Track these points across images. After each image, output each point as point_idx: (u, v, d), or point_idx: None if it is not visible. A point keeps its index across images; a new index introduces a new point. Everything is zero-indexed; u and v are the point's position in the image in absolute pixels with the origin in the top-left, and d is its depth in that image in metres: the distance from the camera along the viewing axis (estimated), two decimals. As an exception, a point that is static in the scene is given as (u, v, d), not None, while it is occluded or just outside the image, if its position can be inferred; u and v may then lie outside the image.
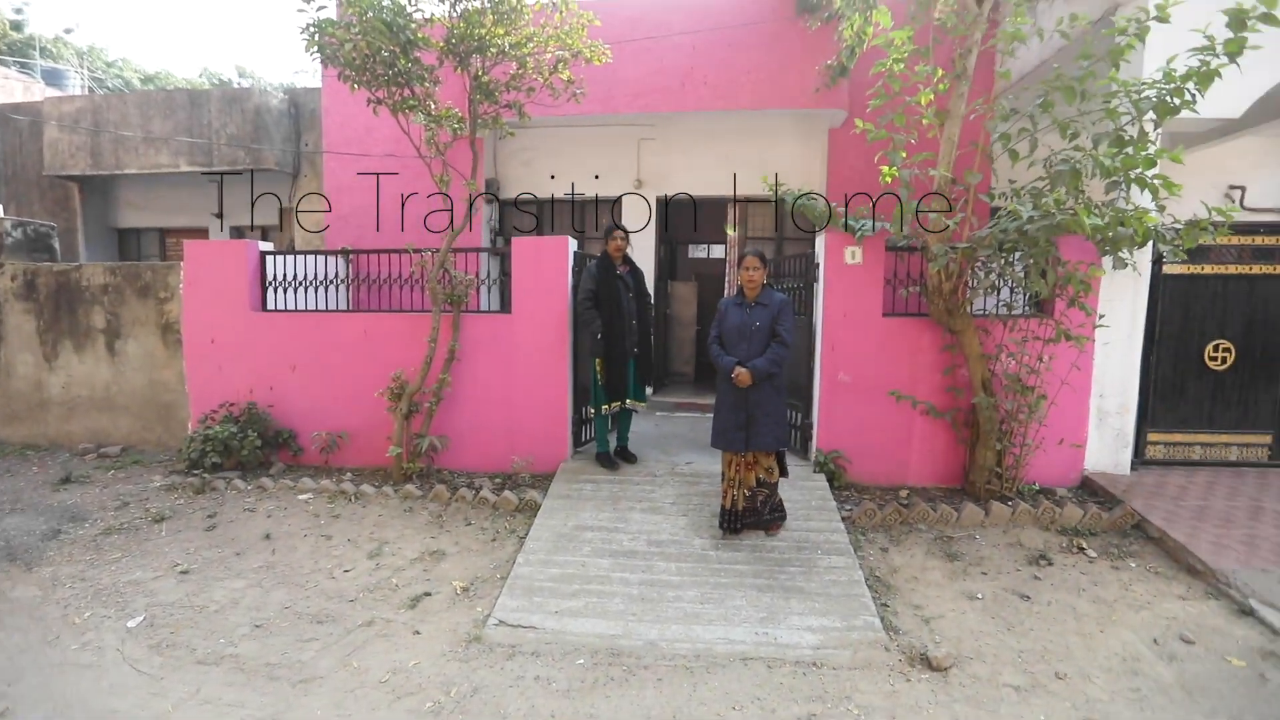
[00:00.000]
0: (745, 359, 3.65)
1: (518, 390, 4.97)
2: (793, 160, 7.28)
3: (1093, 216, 3.34)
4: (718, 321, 3.87)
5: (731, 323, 3.75)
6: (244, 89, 9.09)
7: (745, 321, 3.70)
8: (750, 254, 3.76)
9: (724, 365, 3.71)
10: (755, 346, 3.66)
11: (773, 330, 3.65)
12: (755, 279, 3.71)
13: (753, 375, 3.59)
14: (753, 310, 3.71)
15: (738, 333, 3.71)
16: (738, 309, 3.77)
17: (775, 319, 3.66)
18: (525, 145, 7.63)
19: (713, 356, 3.84)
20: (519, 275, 4.93)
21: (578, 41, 4.77)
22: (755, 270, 3.70)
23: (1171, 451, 4.80)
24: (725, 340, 3.78)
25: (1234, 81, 3.85)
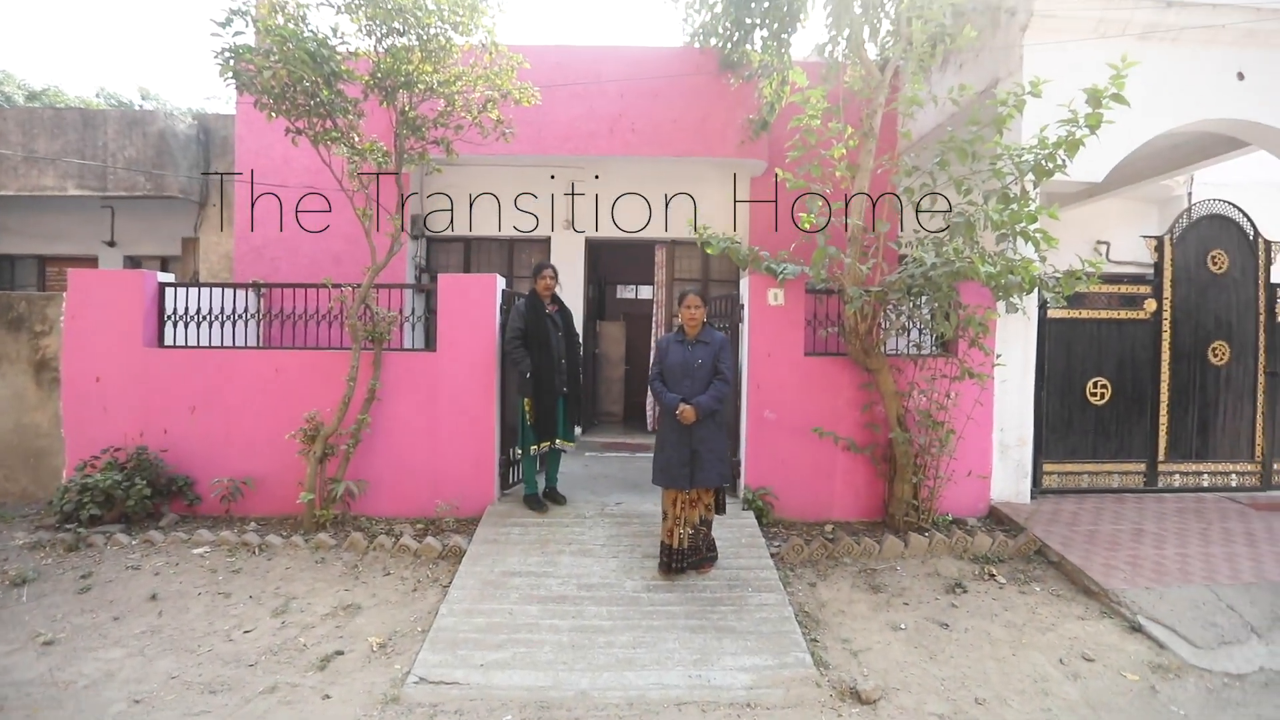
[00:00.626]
0: (688, 396, 3.69)
1: (443, 431, 4.79)
2: (716, 206, 7.59)
3: (986, 265, 3.67)
4: (659, 359, 3.91)
5: (673, 360, 3.80)
6: (147, 111, 8.57)
7: (687, 359, 3.76)
8: (691, 293, 3.85)
9: (668, 402, 3.74)
10: (698, 384, 3.71)
11: (715, 367, 3.73)
12: (696, 317, 3.79)
13: (697, 412, 3.63)
14: (694, 348, 3.78)
15: (680, 370, 3.76)
16: (679, 347, 3.83)
17: (717, 356, 3.75)
18: (454, 183, 7.56)
19: (655, 394, 3.86)
20: (445, 313, 4.81)
21: (507, 82, 4.82)
22: (696, 309, 3.79)
23: (1064, 480, 5.21)
24: (668, 378, 3.82)
25: (1095, 150, 4.39)
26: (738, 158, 6.72)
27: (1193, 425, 5.31)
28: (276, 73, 3.87)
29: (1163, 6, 4.90)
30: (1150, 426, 5.27)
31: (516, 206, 7.60)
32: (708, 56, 6.64)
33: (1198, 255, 5.34)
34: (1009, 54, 5.09)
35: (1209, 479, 5.33)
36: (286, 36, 3.81)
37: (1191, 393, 5.31)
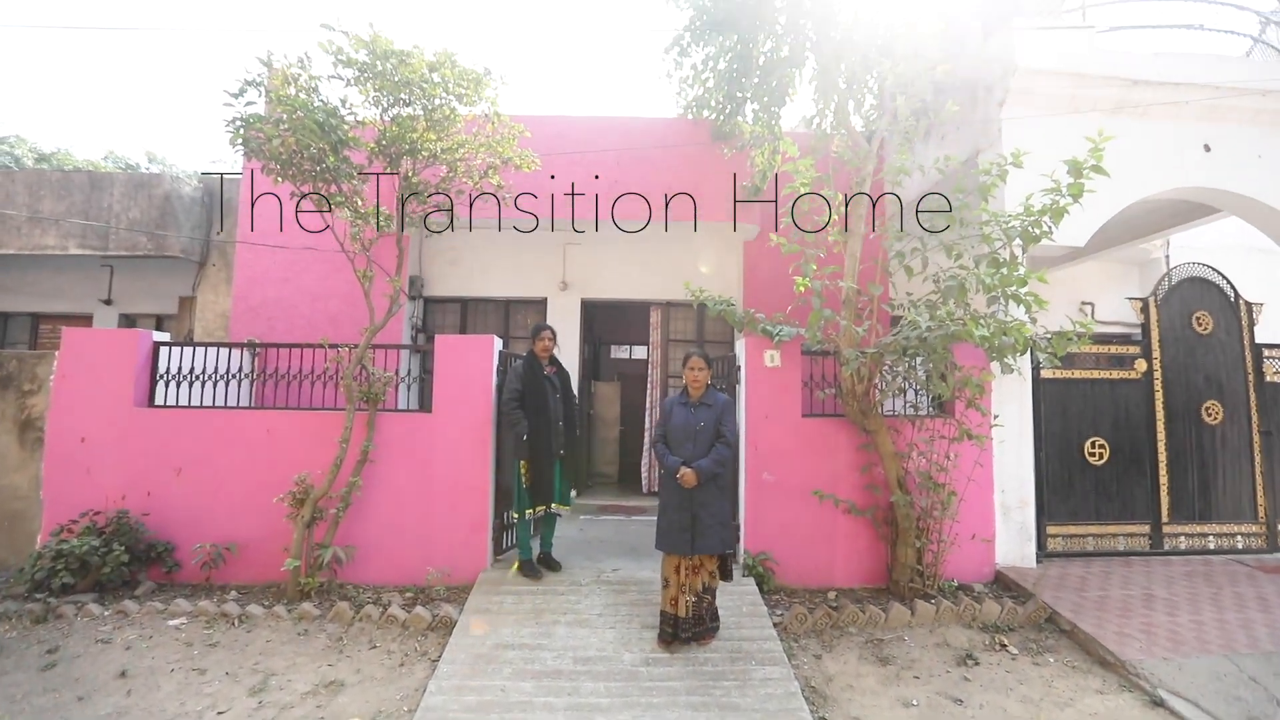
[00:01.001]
0: (690, 459, 3.64)
1: (436, 494, 4.68)
2: (711, 268, 7.74)
3: (980, 327, 3.72)
4: (663, 420, 3.88)
5: (676, 422, 3.77)
6: (154, 175, 8.75)
7: (690, 421, 3.73)
8: (695, 355, 3.86)
9: (669, 465, 3.68)
10: (700, 447, 3.67)
11: (717, 430, 3.69)
12: (700, 379, 3.79)
13: (698, 475, 3.57)
14: (697, 410, 3.76)
15: (683, 432, 3.72)
16: (683, 409, 3.81)
17: (719, 419, 3.72)
18: (451, 244, 7.70)
19: (658, 456, 3.81)
20: (441, 373, 4.79)
21: (508, 150, 4.98)
22: (700, 370, 3.79)
23: (1069, 543, 5.12)
24: (670, 440, 3.78)
25: (1078, 217, 4.55)
26: (731, 222, 6.90)
27: (1194, 486, 5.28)
28: (285, 140, 3.98)
29: (1129, 85, 5.19)
30: (1151, 487, 5.23)
31: (513, 268, 7.71)
32: (701, 127, 6.92)
33: (1182, 316, 5.45)
34: (988, 127, 5.34)
35: (1214, 541, 5.25)
36: (297, 106, 3.94)
37: (1189, 452, 5.30)
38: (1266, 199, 5.36)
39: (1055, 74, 5.13)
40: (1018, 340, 3.77)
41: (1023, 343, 3.89)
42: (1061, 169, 4.05)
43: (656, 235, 7.68)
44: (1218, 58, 5.47)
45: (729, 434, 3.72)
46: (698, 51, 6.25)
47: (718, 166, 6.91)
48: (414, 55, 4.37)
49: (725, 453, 3.69)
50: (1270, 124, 5.40)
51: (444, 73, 4.46)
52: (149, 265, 9.19)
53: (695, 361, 3.82)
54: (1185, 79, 5.20)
